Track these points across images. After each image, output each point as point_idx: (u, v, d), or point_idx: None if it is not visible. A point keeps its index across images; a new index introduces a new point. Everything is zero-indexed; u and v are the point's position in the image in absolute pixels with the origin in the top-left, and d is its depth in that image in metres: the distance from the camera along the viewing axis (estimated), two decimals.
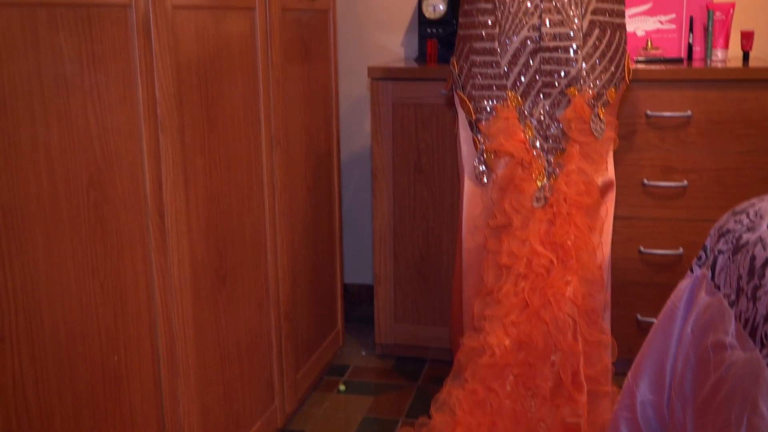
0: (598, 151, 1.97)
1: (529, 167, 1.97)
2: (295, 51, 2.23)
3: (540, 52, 1.91)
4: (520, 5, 1.91)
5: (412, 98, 2.56)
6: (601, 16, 1.93)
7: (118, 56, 1.40)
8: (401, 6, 3.01)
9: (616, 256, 2.47)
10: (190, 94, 1.65)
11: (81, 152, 1.30)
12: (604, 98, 1.95)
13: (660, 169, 2.43)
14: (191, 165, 1.67)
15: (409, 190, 2.63)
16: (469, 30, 2.00)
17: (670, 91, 2.38)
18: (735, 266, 1.35)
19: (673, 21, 2.68)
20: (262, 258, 2.05)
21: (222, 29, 1.79)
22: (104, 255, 1.38)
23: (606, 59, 1.95)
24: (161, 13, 1.51)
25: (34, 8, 1.18)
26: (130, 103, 1.44)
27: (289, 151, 2.21)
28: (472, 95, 2.01)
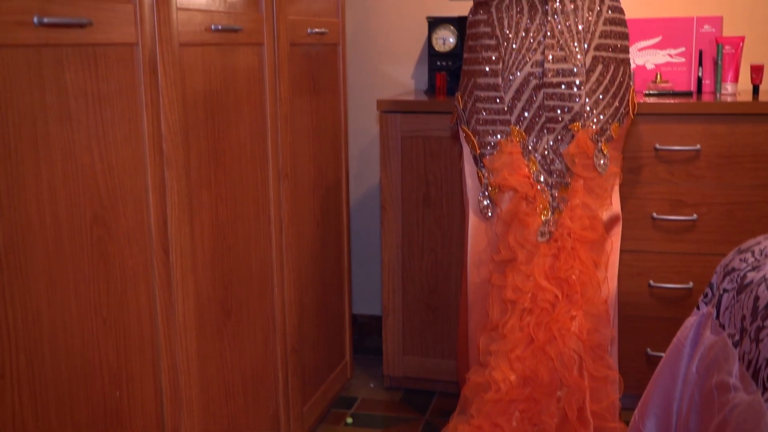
0: (602, 186, 1.97)
1: (533, 202, 1.97)
2: (303, 84, 2.25)
3: (543, 88, 1.92)
4: (524, 41, 1.93)
5: (420, 131, 2.57)
6: (604, 52, 1.93)
7: (124, 93, 1.41)
8: (412, 38, 3.03)
9: (625, 290, 2.46)
10: (196, 128, 1.67)
11: (85, 189, 1.32)
12: (607, 133, 1.95)
13: (669, 203, 2.42)
14: (197, 199, 1.68)
15: (418, 223, 2.63)
16: (473, 65, 2.01)
17: (679, 125, 2.38)
18: (739, 306, 1.34)
19: (682, 54, 2.68)
20: (269, 291, 2.06)
21: (229, 64, 1.81)
22: (107, 291, 1.39)
23: (609, 94, 1.95)
24: (168, 50, 1.53)
25: (40, 49, 1.20)
26: (135, 138, 1.45)
27: (297, 184, 2.22)
28: (476, 130, 2.01)
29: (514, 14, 1.94)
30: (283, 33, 2.07)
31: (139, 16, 1.44)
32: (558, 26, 1.91)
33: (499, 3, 1.96)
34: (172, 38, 1.55)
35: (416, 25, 3.01)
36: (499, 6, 1.96)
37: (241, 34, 1.84)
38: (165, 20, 1.52)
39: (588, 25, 1.92)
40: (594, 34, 1.93)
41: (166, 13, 1.52)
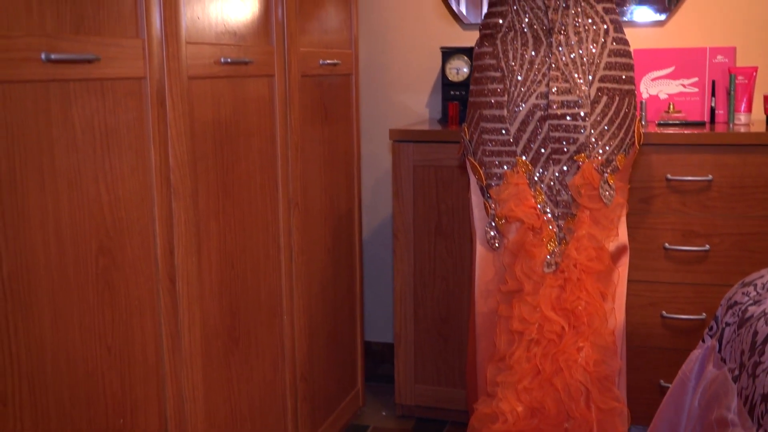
0: (608, 217, 1.97)
1: (539, 233, 1.98)
2: (315, 113, 2.28)
3: (548, 120, 1.93)
4: (528, 73, 1.94)
5: (432, 160, 2.59)
6: (609, 83, 1.94)
7: (132, 126, 1.45)
8: (426, 68, 3.06)
9: (637, 321, 2.45)
10: (205, 159, 1.70)
11: (91, 220, 1.35)
12: (613, 164, 1.95)
13: (681, 233, 2.41)
14: (205, 229, 1.70)
15: (430, 252, 2.64)
16: (479, 97, 2.03)
17: (691, 155, 2.37)
18: (739, 340, 1.33)
19: (695, 84, 2.68)
20: (278, 319, 2.07)
21: (239, 96, 1.84)
22: (112, 319, 1.41)
23: (615, 126, 1.96)
24: (176, 83, 1.57)
25: (47, 84, 1.23)
26: (142, 170, 1.48)
27: (308, 212, 2.24)
28: (482, 161, 2.03)
29: (519, 46, 1.96)
30: (295, 64, 2.10)
31: (148, 51, 1.47)
32: (563, 58, 1.93)
33: (504, 35, 1.98)
34: (181, 72, 1.58)
35: (431, 55, 3.04)
36: (504, 38, 1.98)
37: (252, 66, 1.87)
38: (174, 54, 1.55)
39: (592, 57, 1.93)
40: (599, 65, 1.94)
41: (175, 47, 1.56)
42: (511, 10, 1.97)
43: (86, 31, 1.32)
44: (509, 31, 1.97)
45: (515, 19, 1.97)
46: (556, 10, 1.93)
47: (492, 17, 2.02)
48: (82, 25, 1.31)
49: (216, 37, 1.74)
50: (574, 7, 1.94)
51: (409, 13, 3.06)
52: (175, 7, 1.55)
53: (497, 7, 2.01)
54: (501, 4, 1.99)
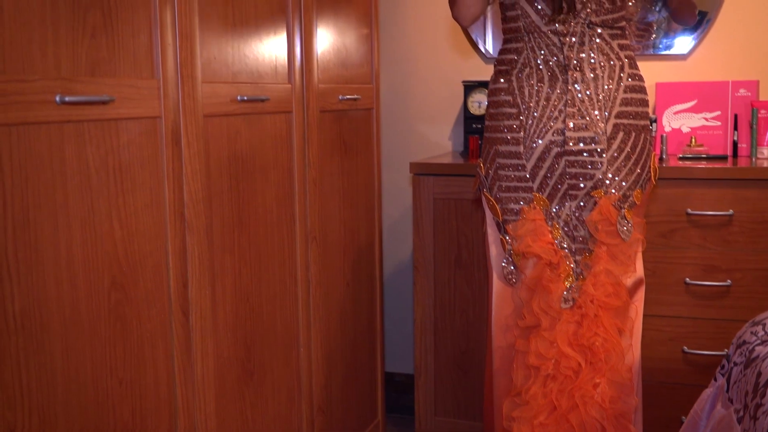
0: (625, 253, 1.96)
1: (556, 268, 1.98)
2: (334, 148, 2.31)
3: (565, 156, 1.94)
4: (545, 109, 1.95)
5: (452, 193, 2.61)
6: (625, 119, 1.95)
7: (146, 164, 1.49)
8: (449, 101, 3.09)
9: (658, 356, 2.42)
10: (220, 195, 1.73)
11: (103, 256, 1.38)
12: (630, 200, 1.95)
13: (702, 268, 2.39)
14: (219, 263, 1.73)
15: (450, 284, 2.65)
16: (494, 133, 2.04)
17: (711, 189, 2.36)
18: (745, 380, 1.32)
19: (718, 118, 2.67)
20: (294, 351, 2.09)
21: (256, 132, 1.88)
22: (123, 353, 1.44)
23: (631, 161, 1.96)
24: (192, 122, 1.61)
25: (62, 125, 1.28)
26: (156, 206, 1.52)
27: (326, 245, 2.27)
28: (499, 197, 2.04)
29: (535, 83, 1.97)
30: (313, 101, 2.14)
31: (163, 91, 1.52)
32: (579, 95, 1.94)
33: (519, 71, 2.00)
34: (197, 110, 1.62)
35: (454, 88, 3.06)
36: (520, 75, 1.99)
37: (269, 103, 1.91)
38: (189, 94, 1.60)
39: (608, 93, 1.94)
40: (614, 102, 1.94)
41: (190, 87, 1.60)
42: (526, 46, 1.99)
43: (101, 73, 1.36)
44: (525, 67, 1.99)
45: (530, 55, 1.98)
46: (572, 46, 1.94)
47: (507, 53, 2.04)
48: (98, 68, 1.35)
49: (232, 75, 1.78)
50: (589, 44, 1.95)
51: (431, 45, 3.10)
52: (190, 48, 1.60)
53: (513, 43, 2.03)
54: (516, 41, 2.01)
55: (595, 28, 1.94)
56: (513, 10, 1.99)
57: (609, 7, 1.94)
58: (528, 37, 1.98)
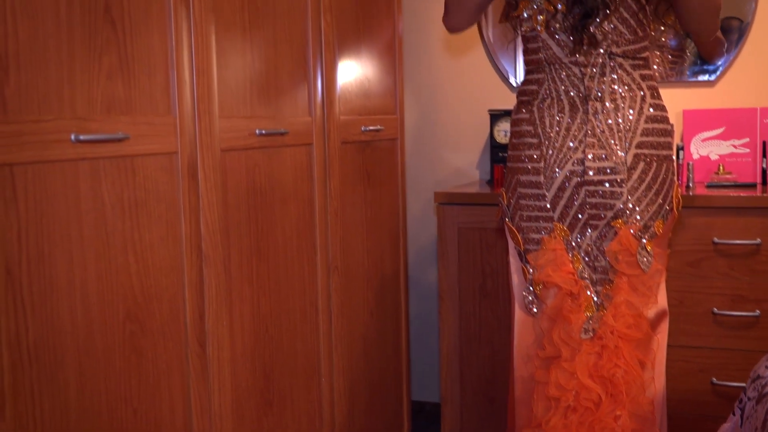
0: (646, 284, 1.95)
1: (577, 298, 1.97)
2: (356, 178, 2.34)
3: (585, 186, 1.93)
4: (565, 139, 1.95)
5: (477, 222, 2.61)
6: (646, 149, 1.94)
7: (162, 198, 1.52)
8: (477, 129, 3.10)
9: (686, 388, 2.39)
10: (238, 227, 1.77)
11: (118, 289, 1.42)
12: (651, 230, 1.94)
13: (730, 298, 2.36)
14: (237, 294, 1.76)
15: (475, 313, 2.65)
16: (516, 163, 2.05)
17: (738, 218, 2.33)
18: (756, 416, 1.31)
19: (746, 145, 2.64)
20: (315, 381, 2.11)
21: (275, 165, 1.91)
22: (138, 383, 1.47)
23: (652, 192, 1.94)
24: (209, 156, 1.64)
25: (77, 163, 1.32)
26: (172, 239, 1.56)
27: (349, 275, 2.29)
28: (520, 226, 2.04)
29: (556, 113, 1.98)
30: (335, 133, 2.17)
31: (180, 128, 1.56)
32: (599, 125, 1.94)
33: (541, 102, 2.01)
34: (214, 145, 1.66)
35: (481, 116, 3.08)
36: (541, 105, 2.00)
37: (288, 136, 1.95)
38: (206, 129, 1.64)
39: (629, 123, 1.94)
40: (635, 132, 1.94)
41: (207, 122, 1.64)
42: (547, 77, 2.00)
43: (117, 111, 1.41)
44: (546, 98, 2.00)
45: (552, 86, 1.99)
46: (593, 77, 1.95)
47: (529, 84, 2.05)
48: (113, 106, 1.40)
49: (251, 109, 1.82)
50: (610, 75, 1.95)
51: (457, 73, 3.12)
52: (207, 84, 1.64)
53: (534, 74, 2.04)
54: (538, 72, 2.02)
55: (617, 58, 1.94)
56: (534, 43, 2.00)
57: (630, 38, 1.94)
58: (549, 68, 1.99)
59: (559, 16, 1.95)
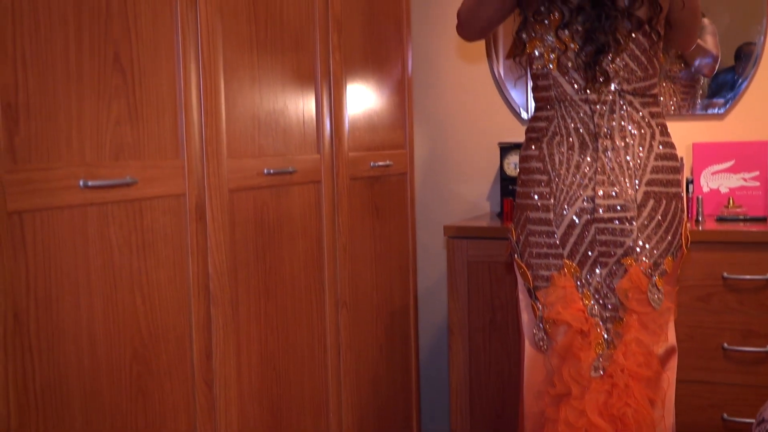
0: (656, 322, 1.94)
1: (587, 336, 1.97)
2: (365, 213, 2.35)
3: (595, 223, 1.94)
4: (575, 177, 1.96)
5: (486, 256, 2.62)
6: (656, 187, 1.94)
7: (170, 240, 1.54)
8: (487, 160, 3.11)
9: (696, 423, 2.37)
10: (246, 266, 1.78)
11: (125, 331, 1.43)
12: (661, 268, 1.94)
13: (741, 333, 2.35)
14: (244, 333, 1.78)
15: (485, 347, 2.65)
16: (525, 200, 2.05)
17: (748, 253, 2.33)
18: None
19: (757, 178, 2.64)
20: (323, 417, 2.11)
21: (283, 203, 1.93)
22: (145, 424, 1.48)
23: (662, 229, 1.95)
24: (217, 197, 1.66)
25: (85, 208, 1.34)
26: (180, 280, 1.57)
27: (358, 310, 2.29)
28: (530, 263, 2.04)
29: (566, 150, 1.98)
30: (343, 169, 2.19)
31: (188, 170, 1.58)
32: (609, 163, 1.94)
33: (550, 139, 2.01)
34: (222, 186, 1.68)
35: (491, 148, 3.09)
36: (551, 142, 2.01)
37: (296, 174, 1.96)
38: (214, 170, 1.66)
39: (639, 161, 1.94)
40: (645, 169, 1.94)
41: (215, 163, 1.66)
42: (557, 114, 2.00)
43: (126, 156, 1.43)
44: (555, 135, 2.00)
45: (561, 123, 2.00)
46: (602, 115, 1.95)
47: (538, 121, 2.06)
48: (122, 151, 1.42)
49: (259, 149, 1.84)
50: (619, 112, 1.96)
51: (468, 106, 3.14)
52: (216, 125, 1.66)
53: (544, 111, 2.05)
54: (547, 109, 2.03)
55: (627, 96, 1.95)
56: (545, 80, 2.01)
57: (641, 75, 1.96)
58: (559, 105, 2.00)
59: (570, 54, 1.96)
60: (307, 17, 2.04)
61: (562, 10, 1.96)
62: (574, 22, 1.95)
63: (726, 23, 2.78)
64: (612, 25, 1.92)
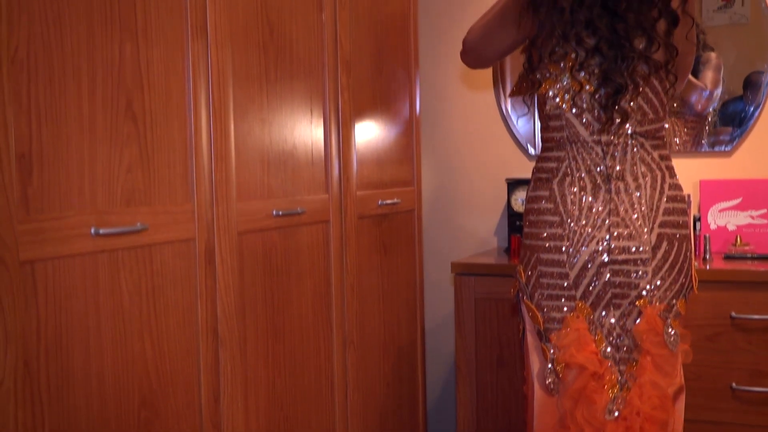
0: (671, 364, 1.94)
1: (601, 378, 1.96)
2: (373, 250, 2.36)
3: (609, 265, 1.93)
4: (588, 218, 1.95)
5: (493, 293, 2.62)
6: (668, 229, 1.94)
7: (179, 284, 1.55)
8: (494, 195, 3.13)
9: None
10: (254, 308, 1.79)
11: (134, 376, 1.44)
12: (675, 309, 1.93)
13: (749, 373, 2.34)
14: (252, 375, 1.78)
15: (492, 384, 2.64)
16: (535, 241, 2.04)
17: (756, 292, 2.32)
18: None
19: (764, 216, 2.64)
20: None
21: (292, 243, 1.94)
22: None
23: (675, 271, 1.94)
24: (226, 240, 1.68)
25: (96, 255, 1.36)
26: (189, 324, 1.58)
27: (365, 348, 2.30)
28: (540, 305, 2.03)
29: (577, 191, 1.98)
30: (351, 208, 2.20)
31: (197, 214, 1.59)
32: (621, 204, 1.94)
33: (561, 180, 2.00)
34: (231, 229, 1.70)
35: (498, 184, 3.10)
36: (561, 183, 2.00)
37: (305, 215, 1.98)
38: (224, 213, 1.67)
39: (652, 202, 1.94)
40: (658, 211, 1.94)
41: (225, 207, 1.68)
42: (568, 155, 2.00)
43: (137, 202, 1.45)
44: (566, 176, 2.00)
45: (573, 164, 1.99)
46: (614, 156, 1.96)
47: (548, 162, 2.05)
48: (133, 198, 1.44)
49: (268, 191, 1.85)
50: (631, 154, 1.96)
51: (475, 141, 3.15)
52: (226, 169, 1.68)
53: (554, 152, 2.04)
54: (558, 149, 2.02)
55: (638, 138, 1.96)
56: (557, 121, 2.01)
57: (652, 117, 1.96)
58: (571, 146, 1.99)
59: (585, 95, 1.96)
60: (317, 58, 2.06)
61: (577, 50, 1.96)
62: (591, 63, 1.95)
63: (735, 53, 2.79)
64: (629, 67, 1.92)
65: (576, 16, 1.92)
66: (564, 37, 1.94)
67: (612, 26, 1.92)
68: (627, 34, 1.91)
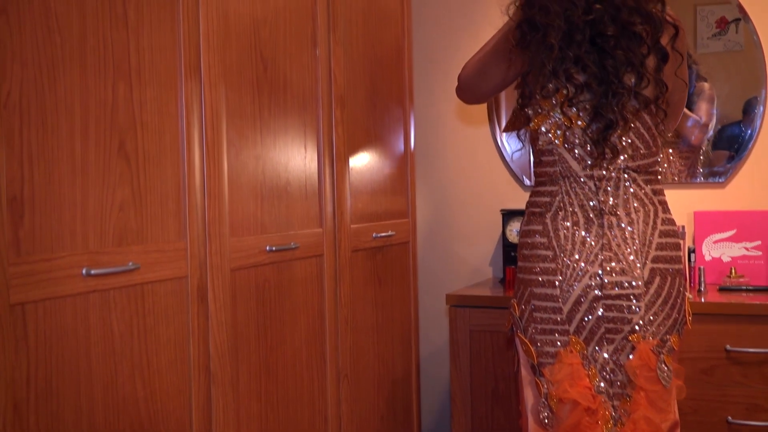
0: (665, 399, 1.93)
1: (595, 414, 1.95)
2: (367, 282, 2.36)
3: (602, 300, 1.93)
4: (581, 253, 1.96)
5: (489, 325, 2.62)
6: (661, 264, 1.94)
7: (171, 322, 1.55)
8: (489, 226, 3.13)
9: None
10: (247, 344, 1.78)
11: (125, 417, 1.43)
12: (668, 345, 1.93)
13: (745, 407, 2.33)
14: (245, 412, 1.77)
15: (487, 416, 2.63)
16: (529, 275, 2.04)
17: (751, 325, 2.32)
18: None
19: (759, 248, 2.64)
20: None
21: (285, 278, 1.94)
22: None
23: (668, 306, 1.94)
24: (219, 277, 1.68)
25: (87, 296, 1.35)
26: (180, 362, 1.57)
27: (359, 381, 2.29)
28: (534, 339, 2.03)
29: (570, 226, 1.98)
30: (345, 242, 2.20)
31: (190, 252, 1.59)
32: (614, 239, 1.94)
33: (554, 215, 2.01)
34: (224, 266, 1.69)
35: (494, 215, 3.11)
36: (555, 218, 2.01)
37: (298, 250, 1.98)
38: (217, 250, 1.67)
39: (644, 237, 1.95)
40: (650, 246, 1.95)
41: (218, 244, 1.68)
42: (561, 190, 2.01)
43: (129, 241, 1.45)
44: (559, 210, 2.00)
45: (566, 199, 2.00)
46: (607, 191, 1.96)
47: (541, 196, 2.06)
48: (125, 237, 1.44)
49: (261, 227, 1.85)
50: (624, 189, 1.97)
51: (471, 172, 3.16)
52: (219, 206, 1.68)
53: (546, 186, 2.05)
54: (551, 184, 2.03)
55: (631, 173, 1.96)
56: (550, 156, 2.02)
57: (645, 152, 1.97)
58: (563, 181, 2.00)
59: (577, 130, 1.97)
60: (311, 93, 2.07)
61: (567, 86, 1.98)
62: (581, 99, 1.96)
63: (730, 79, 2.81)
64: (619, 102, 1.94)
65: (565, 53, 1.93)
66: (554, 74, 1.95)
67: (601, 63, 1.93)
68: (616, 71, 1.92)
